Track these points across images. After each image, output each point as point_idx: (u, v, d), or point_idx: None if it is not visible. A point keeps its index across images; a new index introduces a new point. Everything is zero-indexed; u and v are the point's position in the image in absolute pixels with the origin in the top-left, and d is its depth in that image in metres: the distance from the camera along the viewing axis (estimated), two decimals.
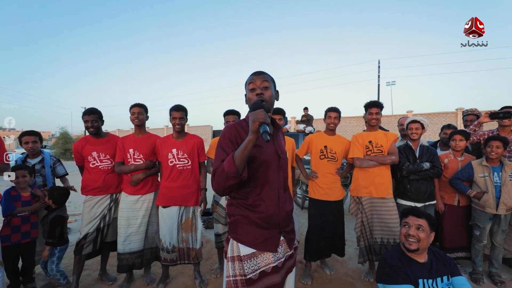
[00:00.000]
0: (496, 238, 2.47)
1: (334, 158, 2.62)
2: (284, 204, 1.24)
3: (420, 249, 1.44)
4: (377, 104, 2.50)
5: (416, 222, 1.46)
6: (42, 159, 2.66)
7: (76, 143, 2.51)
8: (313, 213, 2.62)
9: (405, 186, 2.60)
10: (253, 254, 1.18)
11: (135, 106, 2.50)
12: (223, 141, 1.18)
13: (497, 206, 2.41)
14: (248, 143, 1.03)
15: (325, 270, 2.74)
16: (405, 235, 1.48)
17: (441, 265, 1.48)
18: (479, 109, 3.15)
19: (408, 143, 2.67)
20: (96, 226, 2.41)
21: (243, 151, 1.03)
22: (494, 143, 2.42)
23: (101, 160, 2.45)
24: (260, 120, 1.00)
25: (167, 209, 2.38)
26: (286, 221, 1.26)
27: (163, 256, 2.37)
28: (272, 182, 1.20)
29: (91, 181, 2.43)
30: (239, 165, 1.03)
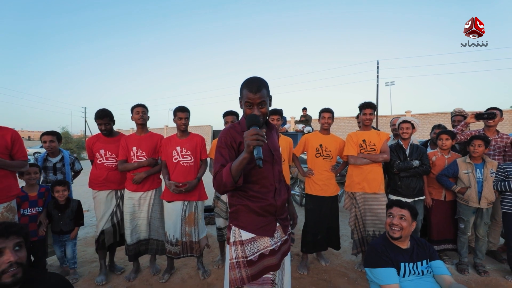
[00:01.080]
0: (479, 230, 2.65)
1: (329, 156, 2.78)
2: (279, 194, 1.40)
3: (402, 236, 1.61)
4: (371, 105, 2.67)
5: (399, 212, 1.63)
6: (62, 157, 2.87)
7: (88, 139, 2.70)
8: (310, 208, 2.79)
9: (396, 182, 2.77)
10: (253, 238, 1.33)
11: (138, 106, 2.65)
12: (220, 146, 1.32)
13: (480, 200, 2.58)
14: (243, 159, 1.14)
15: (321, 261, 2.91)
16: (389, 224, 1.64)
17: (421, 250, 1.65)
18: (472, 110, 3.33)
19: (399, 142, 2.84)
20: (110, 222, 2.61)
21: (238, 165, 1.15)
22: (476, 142, 2.60)
23: (107, 158, 2.60)
24: (253, 144, 1.07)
25: (172, 203, 2.53)
26: (281, 209, 1.41)
27: (168, 249, 2.54)
28: (268, 177, 1.35)
29: (96, 176, 2.59)
30: (235, 176, 1.17)
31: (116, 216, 2.65)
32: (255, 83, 1.27)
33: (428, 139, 3.63)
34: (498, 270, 2.71)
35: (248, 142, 1.08)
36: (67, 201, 2.61)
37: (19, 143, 2.11)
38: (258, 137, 1.07)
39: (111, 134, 2.68)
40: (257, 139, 1.07)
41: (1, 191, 1.98)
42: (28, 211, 2.43)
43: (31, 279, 1.14)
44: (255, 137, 1.07)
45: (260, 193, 1.33)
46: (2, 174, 2.00)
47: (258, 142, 1.07)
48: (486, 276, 2.58)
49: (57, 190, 2.54)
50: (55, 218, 2.53)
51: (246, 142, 1.09)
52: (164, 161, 2.59)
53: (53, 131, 2.84)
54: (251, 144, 1.08)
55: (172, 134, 2.73)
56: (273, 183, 1.37)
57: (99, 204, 2.60)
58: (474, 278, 2.57)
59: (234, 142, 1.31)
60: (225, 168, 1.20)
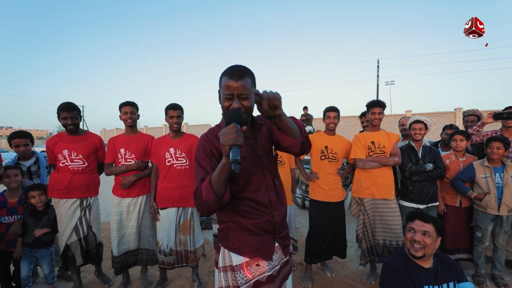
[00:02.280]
0: (499, 239, 2.44)
1: (334, 159, 2.57)
2: (276, 208, 1.16)
3: (426, 255, 1.40)
4: (380, 103, 2.46)
5: (422, 227, 1.42)
6: (37, 159, 2.57)
7: (48, 140, 2.35)
8: (315, 215, 2.58)
9: (407, 187, 2.56)
10: (246, 263, 1.12)
11: (126, 105, 2.40)
12: (199, 156, 1.09)
13: (499, 207, 2.38)
14: (223, 167, 0.93)
15: (326, 272, 2.70)
16: (410, 240, 1.43)
17: (447, 270, 1.45)
18: (479, 110, 3.13)
19: (411, 143, 2.63)
20: (76, 237, 2.25)
21: (219, 176, 0.94)
22: (494, 144, 2.39)
23: (72, 159, 2.25)
24: (229, 143, 0.87)
25: (164, 210, 2.32)
26: (280, 226, 1.18)
27: (161, 259, 2.32)
28: (261, 188, 1.13)
29: (57, 181, 2.23)
30: (218, 190, 0.95)
31: (83, 231, 2.27)
32: (237, 70, 1.05)
33: (438, 140, 3.43)
34: None
35: (222, 140, 0.89)
36: (45, 207, 2.31)
37: None
38: (235, 136, 0.87)
39: (77, 131, 2.34)
40: (234, 137, 0.87)
41: None
42: (6, 219, 2.19)
43: None
44: (232, 135, 0.87)
45: (253, 207, 1.11)
46: None
47: (234, 141, 0.87)
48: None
49: (32, 196, 2.21)
50: (30, 227, 2.21)
51: (221, 141, 0.89)
52: (155, 165, 2.37)
53: (25, 132, 2.52)
54: (226, 143, 0.88)
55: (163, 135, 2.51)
56: (267, 194, 1.14)
57: (61, 215, 2.24)
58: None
59: (215, 149, 1.09)
60: (204, 183, 0.98)
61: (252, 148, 1.13)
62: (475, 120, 3.03)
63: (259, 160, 1.14)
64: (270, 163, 1.18)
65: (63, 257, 2.27)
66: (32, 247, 2.22)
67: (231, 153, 0.86)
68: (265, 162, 1.16)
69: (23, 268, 2.21)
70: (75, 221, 2.25)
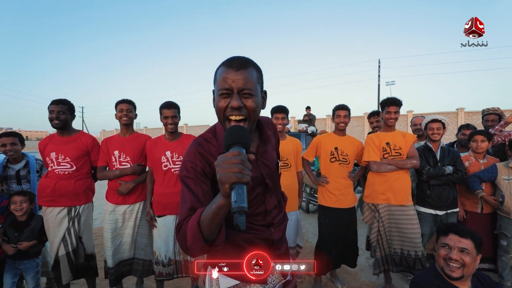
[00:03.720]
0: None
1: (345, 161, 2.38)
2: (276, 228, 0.98)
3: (464, 276, 1.20)
4: (396, 101, 2.27)
5: (459, 243, 1.21)
6: (27, 163, 2.35)
7: (40, 142, 2.18)
8: (324, 223, 2.38)
9: (424, 191, 2.36)
10: (235, 286, 0.92)
11: (123, 103, 2.23)
12: (185, 176, 0.82)
13: None
14: (219, 209, 0.66)
15: (336, 284, 2.50)
16: (444, 258, 1.23)
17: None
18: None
19: (428, 144, 2.43)
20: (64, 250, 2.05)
21: (212, 219, 0.68)
22: None
23: (59, 162, 2.05)
24: (231, 180, 0.60)
25: (162, 218, 2.12)
26: (278, 243, 0.99)
27: (158, 271, 2.12)
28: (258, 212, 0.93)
29: (43, 187, 2.05)
30: (208, 236, 0.71)
31: (71, 243, 2.05)
32: (238, 59, 0.81)
33: (454, 140, 3.23)
34: None
35: (222, 175, 0.61)
36: (28, 218, 2.07)
37: None
38: (241, 168, 0.60)
39: (66, 131, 2.13)
40: (239, 171, 0.60)
41: None
42: None
43: None
44: (236, 167, 0.60)
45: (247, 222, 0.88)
46: None
47: (240, 177, 0.59)
48: None
49: (13, 201, 1.98)
50: (12, 239, 1.99)
51: (219, 175, 0.61)
52: (151, 168, 2.17)
53: (13, 131, 2.33)
54: (226, 179, 0.60)
55: (159, 136, 2.30)
56: (265, 220, 0.95)
57: (48, 225, 2.05)
58: None
59: (208, 166, 0.83)
60: (191, 223, 0.72)
61: (256, 166, 0.90)
62: (496, 120, 2.83)
63: (262, 182, 0.92)
64: (273, 183, 0.97)
65: (55, 271, 2.06)
66: (16, 258, 2.01)
67: (234, 195, 0.59)
68: (269, 184, 0.94)
69: (6, 281, 2.01)
70: (63, 232, 2.03)
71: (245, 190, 0.59)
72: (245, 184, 0.60)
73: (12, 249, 1.95)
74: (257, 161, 0.92)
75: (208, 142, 0.87)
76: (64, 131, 2.12)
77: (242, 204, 0.57)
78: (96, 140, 2.25)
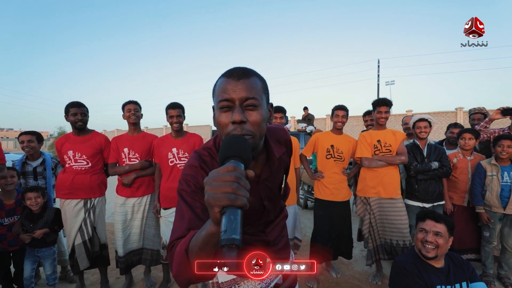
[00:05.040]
0: (508, 241, 2.40)
1: (340, 158, 2.55)
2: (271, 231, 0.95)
3: (438, 256, 1.37)
4: (386, 102, 2.43)
5: (434, 228, 1.38)
6: (43, 160, 2.54)
7: (57, 141, 2.35)
8: (319, 215, 2.55)
9: (412, 186, 2.53)
10: (233, 281, 0.93)
11: (130, 103, 2.40)
12: (184, 188, 0.74)
13: (506, 205, 2.35)
14: (209, 237, 0.54)
15: (331, 273, 2.66)
16: (422, 240, 1.40)
17: (459, 270, 1.41)
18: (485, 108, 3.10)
19: (416, 142, 2.60)
20: (81, 239, 2.21)
21: (202, 248, 0.57)
22: (505, 142, 2.36)
23: (76, 160, 2.22)
24: (221, 203, 0.48)
25: (168, 210, 2.29)
26: (275, 241, 0.96)
27: (165, 255, 2.29)
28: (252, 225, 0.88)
29: (61, 182, 2.23)
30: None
31: (87, 232, 2.23)
32: (239, 68, 0.73)
33: (442, 139, 3.39)
34: None
35: (210, 196, 0.49)
36: (42, 211, 2.25)
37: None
38: (235, 187, 0.48)
39: (84, 130, 2.31)
40: (232, 191, 0.48)
41: None
42: (6, 221, 2.16)
43: None
44: (229, 186, 0.48)
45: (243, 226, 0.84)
46: None
47: (231, 199, 0.48)
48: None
49: (28, 197, 2.16)
50: (28, 230, 2.17)
51: (207, 196, 0.50)
52: (158, 164, 2.34)
53: (32, 130, 2.51)
54: (215, 201, 0.48)
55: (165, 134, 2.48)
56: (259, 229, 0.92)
57: (65, 217, 2.23)
58: None
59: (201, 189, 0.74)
60: (179, 246, 0.63)
61: (255, 191, 0.80)
62: (481, 118, 3.00)
63: (261, 204, 0.85)
64: (273, 203, 0.91)
65: (71, 258, 2.24)
66: (34, 246, 2.20)
67: (225, 222, 0.46)
68: (267, 206, 0.87)
69: (26, 268, 2.19)
70: (79, 222, 2.21)
71: (239, 216, 0.47)
72: (240, 208, 0.48)
73: (28, 238, 2.14)
74: (258, 185, 0.82)
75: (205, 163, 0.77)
76: (82, 131, 2.30)
77: (234, 235, 0.44)
78: (108, 139, 2.42)
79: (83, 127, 2.28)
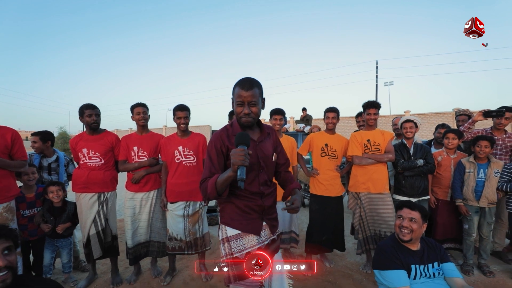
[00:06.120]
0: (483, 230, 2.64)
1: (334, 156, 2.75)
2: (266, 198, 1.38)
3: (413, 239, 1.57)
4: (375, 104, 2.64)
5: (409, 214, 1.59)
6: (57, 158, 2.78)
7: (72, 140, 2.51)
8: (314, 208, 2.76)
9: (400, 182, 2.74)
10: (238, 235, 1.32)
11: (139, 106, 2.56)
12: (210, 150, 1.34)
13: (479, 199, 2.57)
14: (228, 177, 1.17)
15: (325, 263, 2.87)
16: (399, 226, 1.61)
17: (431, 252, 1.62)
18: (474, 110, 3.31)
19: (403, 141, 2.81)
20: (94, 229, 2.40)
21: (223, 182, 1.18)
22: (482, 143, 2.57)
23: (90, 157, 2.40)
24: (238, 164, 1.10)
25: (174, 204, 2.48)
26: (269, 210, 1.40)
27: (171, 246, 2.46)
28: (253, 183, 1.34)
29: (77, 177, 2.41)
30: (220, 190, 1.21)
31: (101, 223, 2.42)
32: (247, 81, 1.28)
33: (432, 138, 3.60)
34: (504, 271, 2.69)
35: (233, 160, 1.11)
36: (63, 204, 2.47)
37: (19, 143, 2.06)
38: (243, 158, 1.10)
39: (97, 129, 2.48)
40: (243, 159, 1.10)
41: (1, 191, 1.93)
42: (27, 212, 2.37)
43: (22, 284, 1.10)
44: (241, 157, 1.10)
45: (246, 194, 1.33)
46: (2, 174, 1.96)
47: (242, 162, 1.10)
48: (492, 277, 2.55)
49: (50, 191, 2.37)
50: (49, 222, 2.39)
51: (232, 160, 1.12)
52: (165, 162, 2.54)
53: (37, 131, 2.72)
54: (235, 163, 1.10)
55: (171, 134, 2.67)
56: (258, 188, 1.36)
57: (81, 209, 2.41)
58: (481, 279, 2.54)
59: (224, 146, 1.33)
60: (211, 180, 1.24)
61: (254, 150, 1.34)
62: (466, 119, 3.21)
63: (257, 161, 1.35)
64: (266, 165, 1.40)
65: (86, 248, 2.44)
66: (54, 237, 2.43)
67: (239, 171, 1.09)
68: (261, 164, 1.37)
69: (46, 256, 2.41)
70: (94, 214, 2.41)
71: (244, 170, 1.12)
72: (245, 166, 1.12)
73: (47, 228, 2.35)
74: (256, 146, 1.36)
75: (227, 130, 1.38)
76: (95, 130, 2.47)
77: (243, 176, 1.10)
78: (119, 138, 2.61)
79: (96, 127, 2.46)
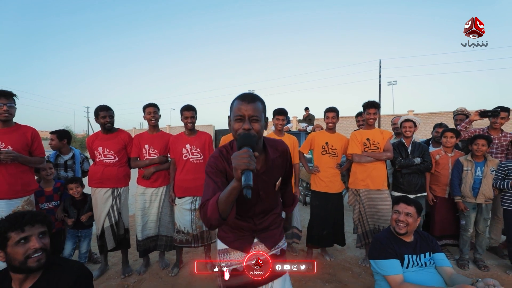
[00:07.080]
0: (479, 225, 2.74)
1: (334, 154, 2.86)
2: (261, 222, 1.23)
3: (408, 232, 1.69)
4: (375, 104, 2.75)
5: (405, 209, 1.70)
6: (73, 155, 2.94)
7: (88, 138, 2.67)
8: (315, 204, 2.87)
9: (398, 179, 2.85)
10: (226, 250, 1.23)
11: (150, 106, 2.69)
12: (210, 171, 1.11)
13: (476, 196, 2.67)
14: (233, 190, 0.92)
15: (326, 257, 2.98)
16: (395, 220, 1.72)
17: (424, 243, 1.73)
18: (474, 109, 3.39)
19: (402, 140, 2.91)
20: (108, 222, 2.54)
21: (227, 198, 0.93)
22: (480, 141, 2.66)
23: (105, 155, 2.54)
24: (242, 168, 0.85)
25: (182, 199, 2.61)
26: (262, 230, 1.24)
27: (178, 238, 2.58)
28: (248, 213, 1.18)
29: (93, 172, 2.55)
30: (223, 211, 0.95)
31: (114, 217, 2.57)
32: (249, 94, 1.09)
33: (430, 137, 3.69)
34: (499, 266, 2.78)
35: (235, 164, 0.87)
36: (83, 197, 2.67)
37: (38, 140, 2.22)
38: (248, 160, 0.86)
39: (111, 129, 2.61)
40: (248, 162, 0.86)
41: (22, 186, 2.09)
42: (45, 205, 2.55)
43: (54, 264, 1.23)
44: (245, 159, 0.86)
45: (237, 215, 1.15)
46: (23, 170, 2.10)
47: (247, 165, 0.85)
48: (486, 271, 2.65)
49: (70, 188, 2.57)
50: (72, 216, 2.58)
51: (234, 164, 0.87)
52: (173, 159, 2.67)
53: (56, 130, 2.89)
54: (238, 167, 0.86)
55: (173, 133, 2.81)
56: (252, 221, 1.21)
57: (96, 203, 2.56)
58: (475, 273, 2.64)
59: (225, 167, 1.12)
60: (211, 201, 0.98)
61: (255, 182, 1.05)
62: (464, 119, 3.30)
63: (257, 193, 1.14)
64: (267, 196, 1.18)
65: (100, 239, 2.58)
66: (77, 228, 2.63)
67: (243, 177, 0.85)
68: (262, 195, 1.15)
69: (67, 247, 2.61)
70: (108, 208, 2.56)
71: (251, 175, 0.85)
72: (251, 170, 0.86)
73: (71, 222, 2.57)
74: (258, 178, 1.11)
75: (227, 152, 1.15)
76: (109, 130, 2.60)
77: (249, 182, 0.83)
78: (131, 136, 2.75)
79: (110, 128, 2.60)
